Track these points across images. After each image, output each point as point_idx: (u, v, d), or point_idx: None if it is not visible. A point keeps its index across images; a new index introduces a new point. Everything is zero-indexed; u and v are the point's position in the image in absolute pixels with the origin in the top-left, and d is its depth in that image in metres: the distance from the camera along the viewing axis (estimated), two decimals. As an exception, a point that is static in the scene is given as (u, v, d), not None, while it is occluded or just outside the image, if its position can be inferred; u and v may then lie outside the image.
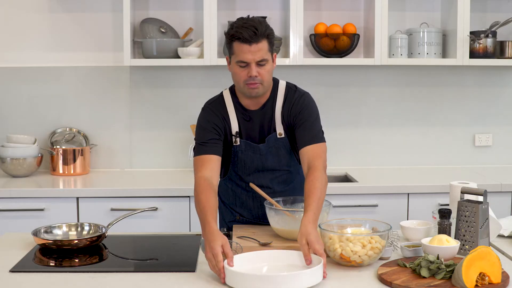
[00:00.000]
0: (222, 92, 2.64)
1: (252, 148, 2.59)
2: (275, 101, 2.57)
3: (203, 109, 2.62)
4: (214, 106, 2.60)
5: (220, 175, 2.73)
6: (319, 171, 2.40)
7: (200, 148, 2.52)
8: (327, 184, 2.42)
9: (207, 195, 2.35)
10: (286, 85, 2.61)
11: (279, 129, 2.58)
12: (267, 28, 2.43)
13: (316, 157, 2.47)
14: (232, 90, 2.61)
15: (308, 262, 2.10)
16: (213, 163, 2.48)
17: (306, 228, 2.17)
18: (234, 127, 2.58)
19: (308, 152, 2.48)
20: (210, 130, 2.54)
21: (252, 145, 2.59)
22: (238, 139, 2.58)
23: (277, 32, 3.95)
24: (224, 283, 2.03)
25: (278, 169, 2.64)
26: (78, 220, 3.43)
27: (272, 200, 2.48)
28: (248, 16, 2.48)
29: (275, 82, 2.61)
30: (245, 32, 2.38)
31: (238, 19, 2.46)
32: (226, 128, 2.58)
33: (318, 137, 2.52)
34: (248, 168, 2.63)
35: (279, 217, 2.39)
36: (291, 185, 2.69)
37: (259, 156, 2.60)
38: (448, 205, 2.67)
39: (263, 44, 2.41)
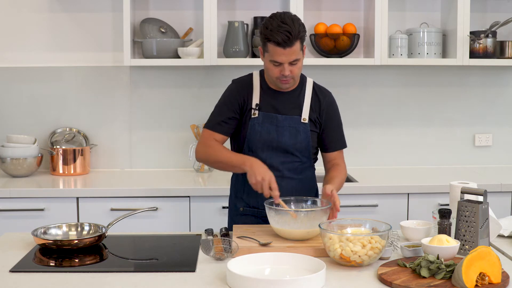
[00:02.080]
0: (252, 73, 2.76)
1: (270, 119, 2.68)
2: (304, 91, 2.71)
3: (230, 84, 2.79)
4: (240, 82, 2.76)
5: None
6: (342, 165, 2.79)
7: (214, 124, 2.72)
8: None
9: (219, 145, 2.68)
10: (313, 82, 2.80)
11: (305, 115, 2.68)
12: (300, 28, 2.54)
13: (339, 158, 2.81)
14: (261, 73, 2.74)
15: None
16: (217, 140, 2.71)
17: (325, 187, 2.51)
18: (255, 101, 2.68)
19: (332, 159, 2.80)
20: (229, 107, 2.70)
21: (270, 115, 2.68)
22: (257, 112, 2.68)
23: (277, 32, 3.95)
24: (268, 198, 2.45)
25: (292, 152, 2.70)
26: (78, 220, 3.43)
27: (283, 203, 2.48)
28: (283, 13, 2.57)
29: (302, 76, 2.77)
30: (279, 36, 2.50)
31: (273, 17, 2.57)
32: (247, 104, 2.69)
33: (342, 141, 2.83)
34: (263, 142, 2.68)
35: (279, 217, 2.39)
36: (301, 176, 2.75)
37: (275, 128, 2.67)
38: (448, 205, 2.67)
39: (296, 46, 2.54)
